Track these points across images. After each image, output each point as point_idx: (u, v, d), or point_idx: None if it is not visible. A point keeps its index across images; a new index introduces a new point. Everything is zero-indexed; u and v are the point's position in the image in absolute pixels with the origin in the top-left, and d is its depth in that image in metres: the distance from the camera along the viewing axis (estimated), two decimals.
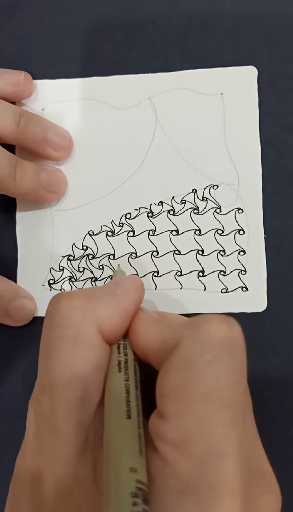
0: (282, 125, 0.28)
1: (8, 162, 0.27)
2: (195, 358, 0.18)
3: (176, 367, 0.18)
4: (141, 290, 0.23)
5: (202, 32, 0.29)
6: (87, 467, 0.19)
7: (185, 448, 0.17)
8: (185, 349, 0.18)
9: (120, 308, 0.21)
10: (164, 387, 0.18)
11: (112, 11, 0.30)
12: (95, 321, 0.20)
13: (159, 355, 0.20)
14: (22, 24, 0.31)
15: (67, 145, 0.29)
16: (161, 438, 0.18)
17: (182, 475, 0.17)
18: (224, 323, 0.19)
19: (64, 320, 0.20)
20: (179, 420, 0.17)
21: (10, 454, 0.28)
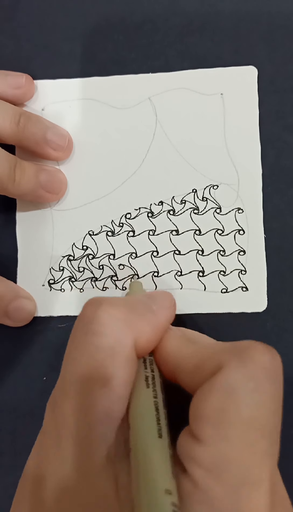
0: (282, 125, 0.28)
1: (7, 163, 0.27)
2: (238, 385, 0.18)
3: (218, 391, 0.18)
4: (175, 308, 0.23)
5: (202, 32, 0.29)
6: (108, 482, 0.18)
7: (220, 475, 0.17)
8: (229, 374, 0.18)
9: (157, 325, 0.21)
10: (202, 410, 0.18)
11: (112, 11, 0.30)
12: (133, 335, 0.20)
13: (193, 377, 0.19)
14: (22, 24, 0.31)
15: (67, 145, 0.29)
16: (194, 462, 0.17)
17: (214, 502, 0.17)
18: (267, 352, 0.19)
19: (102, 328, 0.20)
20: (216, 445, 0.17)
21: (10, 454, 0.29)
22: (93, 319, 0.20)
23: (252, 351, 0.18)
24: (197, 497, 0.17)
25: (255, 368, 0.18)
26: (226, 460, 0.17)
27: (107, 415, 0.19)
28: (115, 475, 0.18)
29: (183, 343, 0.22)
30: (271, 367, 0.18)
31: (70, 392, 0.19)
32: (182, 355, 0.21)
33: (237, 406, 0.17)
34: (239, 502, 0.17)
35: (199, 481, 0.17)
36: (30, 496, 0.19)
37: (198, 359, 0.20)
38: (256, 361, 0.18)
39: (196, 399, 0.19)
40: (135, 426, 0.19)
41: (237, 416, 0.17)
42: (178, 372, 0.21)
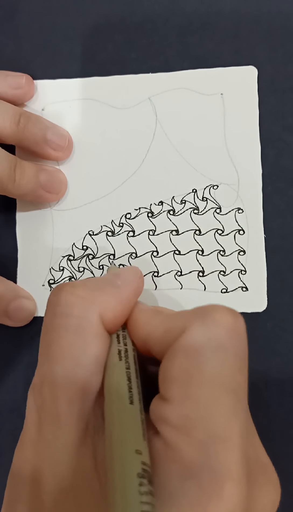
0: (282, 125, 0.28)
1: (7, 163, 0.27)
2: (201, 344, 0.18)
3: (182, 352, 0.18)
4: (141, 281, 0.24)
5: (202, 32, 0.29)
6: (87, 456, 0.19)
7: (188, 432, 0.17)
8: (192, 335, 0.19)
9: (122, 298, 0.22)
10: (169, 371, 0.19)
11: (112, 11, 0.30)
12: (97, 310, 0.20)
13: (162, 343, 0.20)
14: (22, 24, 0.31)
15: (67, 145, 0.29)
16: (164, 421, 0.18)
17: (184, 459, 0.17)
18: (230, 313, 0.19)
19: (66, 309, 0.20)
20: (183, 404, 0.18)
21: (10, 454, 0.28)
22: (57, 302, 0.21)
23: (214, 313, 0.19)
24: (168, 456, 0.17)
25: (217, 328, 0.19)
26: (193, 418, 0.17)
27: (84, 390, 0.19)
28: (94, 448, 0.19)
29: (151, 314, 0.22)
30: (233, 326, 0.19)
31: (46, 375, 0.20)
32: (151, 325, 0.21)
33: (200, 365, 0.18)
34: (208, 458, 0.17)
35: (169, 439, 0.18)
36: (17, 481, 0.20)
37: (165, 327, 0.20)
38: (217, 321, 0.19)
39: (163, 363, 0.19)
40: (108, 395, 0.19)
41: (201, 375, 0.18)
42: (149, 342, 0.21)
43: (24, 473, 0.19)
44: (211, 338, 0.18)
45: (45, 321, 0.21)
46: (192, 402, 0.18)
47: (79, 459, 0.18)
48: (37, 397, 0.20)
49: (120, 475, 0.16)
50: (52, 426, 0.19)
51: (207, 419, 0.17)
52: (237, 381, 0.18)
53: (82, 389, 0.19)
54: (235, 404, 0.18)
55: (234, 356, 0.18)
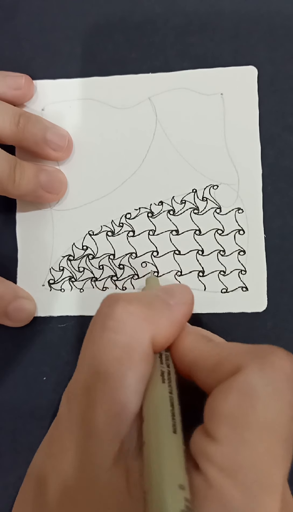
0: (282, 125, 0.28)
1: (7, 164, 0.27)
2: (258, 388, 0.18)
3: (237, 392, 0.18)
4: (193, 303, 0.23)
5: (202, 32, 0.29)
6: (120, 476, 0.18)
7: (234, 475, 0.17)
8: (249, 377, 0.18)
9: (174, 320, 0.21)
10: (219, 409, 0.18)
11: (112, 11, 0.30)
12: (150, 331, 0.20)
13: (211, 374, 0.20)
14: (22, 24, 0.31)
15: (67, 145, 0.29)
16: (209, 460, 0.17)
17: (226, 501, 0.17)
18: (287, 358, 0.19)
19: (119, 325, 0.20)
20: (233, 445, 0.17)
21: (10, 454, 0.29)
22: (110, 315, 0.20)
23: (272, 356, 0.19)
24: (209, 495, 0.17)
25: (275, 373, 0.18)
26: (241, 461, 0.17)
27: (122, 410, 0.19)
28: (127, 470, 0.18)
29: (200, 340, 0.22)
30: (291, 372, 0.18)
31: (87, 386, 0.19)
32: (200, 352, 0.21)
33: (255, 409, 0.18)
34: (252, 503, 0.17)
35: (212, 479, 0.17)
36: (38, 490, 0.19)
37: (217, 358, 0.20)
38: (276, 366, 0.18)
39: (213, 397, 0.19)
40: (149, 420, 0.19)
41: (255, 419, 0.17)
42: (195, 369, 0.21)
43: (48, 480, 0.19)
44: (269, 383, 0.18)
45: (93, 331, 0.21)
46: (242, 445, 0.17)
47: (111, 479, 0.18)
48: (74, 406, 0.19)
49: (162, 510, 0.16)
50: (87, 441, 0.19)
51: (256, 466, 0.17)
52: (290, 429, 0.18)
53: (122, 408, 0.19)
54: (284, 452, 0.18)
55: (288, 403, 0.18)
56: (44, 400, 0.28)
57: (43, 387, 0.29)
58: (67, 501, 0.18)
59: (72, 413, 0.19)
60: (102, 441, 0.18)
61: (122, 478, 0.18)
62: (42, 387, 0.29)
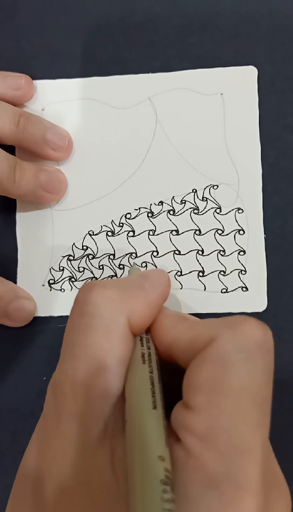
0: (282, 125, 0.28)
1: (7, 164, 0.27)
2: (231, 355, 0.18)
3: (210, 362, 0.18)
4: (168, 285, 0.24)
5: (202, 32, 0.29)
6: (104, 458, 0.19)
7: (212, 442, 0.17)
8: (221, 345, 0.19)
9: (149, 301, 0.22)
10: (195, 380, 0.19)
11: (112, 11, 0.30)
12: (126, 313, 0.20)
13: (188, 350, 0.20)
14: (22, 24, 0.31)
15: (67, 145, 0.29)
16: (187, 430, 0.18)
17: (206, 469, 0.17)
18: (260, 326, 0.19)
19: (95, 310, 0.20)
20: (208, 413, 0.18)
21: (10, 454, 0.29)
22: (86, 301, 0.21)
23: (244, 325, 0.19)
24: (190, 464, 0.17)
25: (247, 340, 0.19)
26: (217, 428, 0.17)
27: (105, 392, 0.19)
28: (112, 450, 0.19)
29: (177, 320, 0.22)
30: (262, 340, 0.19)
31: (69, 372, 0.20)
32: (177, 331, 0.21)
33: (229, 376, 0.18)
34: (231, 468, 0.17)
35: (191, 448, 0.17)
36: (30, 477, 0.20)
37: (193, 334, 0.20)
38: (247, 334, 0.19)
39: (189, 370, 0.19)
40: (131, 398, 0.19)
41: (229, 386, 0.18)
42: (173, 348, 0.21)
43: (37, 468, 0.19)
44: (241, 350, 0.18)
45: (72, 319, 0.21)
46: (218, 412, 0.18)
47: (96, 460, 0.18)
48: (58, 394, 0.20)
49: (142, 481, 0.16)
50: (71, 424, 0.19)
51: (232, 431, 0.17)
52: (263, 395, 0.18)
53: (104, 390, 0.19)
54: (260, 417, 0.18)
55: (262, 370, 0.19)
56: (44, 400, 0.28)
57: (43, 387, 0.28)
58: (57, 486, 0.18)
59: (56, 401, 0.20)
60: (86, 424, 0.19)
61: (106, 458, 0.18)
62: (42, 387, 0.29)
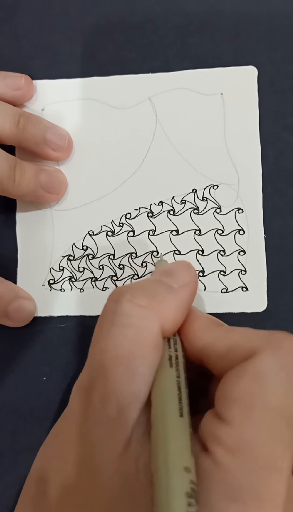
0: (282, 125, 0.28)
1: (7, 164, 0.27)
2: (272, 373, 0.18)
3: (250, 376, 0.18)
4: (196, 279, 0.23)
5: (202, 32, 0.29)
6: (129, 463, 0.18)
7: (242, 456, 0.17)
8: (262, 362, 0.18)
9: (180, 304, 0.21)
10: (231, 392, 0.18)
11: (112, 11, 0.30)
12: (158, 320, 0.20)
13: (223, 357, 0.20)
14: (22, 24, 0.31)
15: (67, 145, 0.29)
16: (218, 441, 0.18)
17: (232, 482, 0.17)
18: None
19: (127, 320, 0.20)
20: (242, 427, 0.18)
21: (10, 454, 0.29)
22: (117, 311, 0.20)
23: (286, 342, 0.19)
24: (216, 475, 0.17)
25: (289, 358, 0.19)
26: (249, 442, 0.17)
27: (133, 399, 0.19)
28: (137, 456, 0.19)
29: (211, 325, 0.22)
30: None
31: (99, 380, 0.20)
32: (212, 337, 0.21)
33: (267, 392, 0.18)
34: (258, 484, 0.17)
35: (220, 460, 0.17)
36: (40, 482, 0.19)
37: (229, 343, 0.20)
38: (289, 352, 0.19)
39: (225, 381, 0.19)
40: (157, 404, 0.19)
41: (266, 402, 0.18)
42: (207, 353, 0.21)
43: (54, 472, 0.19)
44: (282, 368, 0.18)
45: (103, 327, 0.21)
46: (252, 427, 0.17)
47: (121, 466, 0.18)
48: (85, 399, 0.20)
49: (167, 494, 0.16)
50: (97, 430, 0.19)
51: (263, 447, 0.17)
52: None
53: (134, 398, 0.19)
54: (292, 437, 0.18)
55: None
56: (44, 400, 0.28)
57: (43, 387, 0.29)
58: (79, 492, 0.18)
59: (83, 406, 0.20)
60: (113, 430, 0.19)
61: (131, 464, 0.18)
62: (42, 387, 0.29)
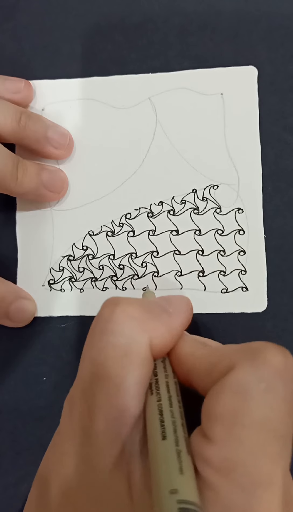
0: (282, 125, 0.28)
1: (10, 161, 0.27)
2: (251, 385, 0.18)
3: (230, 391, 0.18)
4: (191, 313, 0.23)
5: (202, 32, 0.29)
6: (121, 479, 0.18)
7: (230, 475, 0.17)
8: (240, 374, 0.18)
9: (172, 327, 0.21)
10: (214, 409, 0.18)
11: (112, 11, 0.30)
12: (148, 334, 0.20)
13: (206, 377, 0.19)
14: (22, 24, 0.31)
15: (68, 144, 0.29)
16: (205, 461, 0.17)
17: (224, 502, 0.17)
18: (280, 353, 0.18)
19: (118, 328, 0.20)
20: (227, 445, 0.17)
21: (10, 454, 0.29)
22: (109, 319, 0.20)
23: (264, 352, 0.18)
24: (207, 496, 0.17)
25: (267, 369, 0.18)
26: (235, 460, 0.17)
27: (122, 413, 0.19)
28: (128, 473, 0.18)
29: (196, 345, 0.22)
30: (284, 368, 0.18)
31: (87, 391, 0.19)
32: (195, 357, 0.21)
33: (249, 407, 0.17)
34: (249, 501, 0.16)
35: (209, 480, 0.17)
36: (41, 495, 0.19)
37: (211, 360, 0.20)
38: (268, 362, 0.18)
39: (207, 399, 0.19)
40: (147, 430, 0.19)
41: (249, 417, 0.17)
42: (192, 374, 0.21)
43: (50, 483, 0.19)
44: (261, 379, 0.18)
45: (93, 335, 0.21)
46: (237, 445, 0.17)
47: (112, 483, 0.18)
48: (75, 412, 0.20)
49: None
50: (85, 444, 0.19)
51: (251, 464, 0.17)
52: (285, 426, 0.18)
53: (121, 411, 0.19)
54: (281, 450, 0.17)
55: (283, 399, 0.18)
56: (44, 400, 0.28)
57: (43, 387, 0.29)
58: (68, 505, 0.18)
59: (73, 418, 0.20)
60: (102, 445, 0.18)
61: (123, 481, 0.18)
62: (42, 387, 0.29)
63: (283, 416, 0.18)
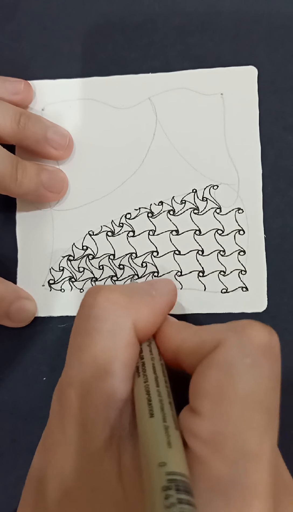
0: (282, 125, 0.28)
1: (9, 162, 0.27)
2: (236, 361, 0.18)
3: (216, 367, 0.18)
4: (175, 294, 0.24)
5: (202, 32, 0.29)
6: (111, 463, 0.18)
7: (218, 448, 0.17)
8: (226, 351, 0.18)
9: (155, 308, 0.22)
10: (201, 385, 0.18)
11: (112, 11, 0.30)
12: (132, 318, 0.20)
13: (194, 355, 0.20)
14: (22, 24, 0.31)
15: (68, 144, 0.29)
16: (194, 435, 0.18)
17: (213, 475, 0.17)
18: (266, 330, 0.19)
19: (102, 313, 0.20)
20: (215, 419, 0.18)
21: (10, 454, 0.29)
22: (93, 305, 0.21)
23: (249, 329, 0.19)
24: (197, 469, 0.17)
25: (252, 345, 0.19)
26: (224, 433, 0.17)
27: (110, 397, 0.19)
28: (118, 457, 0.19)
29: (182, 327, 0.22)
30: (268, 344, 0.19)
31: (75, 378, 0.20)
32: (182, 337, 0.21)
33: (234, 381, 0.18)
34: (238, 474, 0.17)
35: (198, 453, 0.17)
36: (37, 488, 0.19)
37: (197, 339, 0.20)
38: (253, 338, 0.19)
39: (195, 375, 0.19)
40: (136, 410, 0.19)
41: (235, 391, 0.18)
42: (179, 353, 0.21)
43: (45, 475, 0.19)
44: (246, 355, 0.18)
45: (78, 322, 0.21)
46: (224, 418, 0.18)
47: (102, 467, 0.18)
48: (62, 400, 0.20)
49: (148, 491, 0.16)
50: (75, 431, 0.19)
51: (238, 436, 0.17)
52: (270, 400, 0.18)
53: (109, 396, 0.19)
54: (267, 422, 0.18)
55: (268, 374, 0.18)
56: (44, 400, 0.28)
57: (43, 387, 0.29)
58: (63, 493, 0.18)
59: (61, 407, 0.20)
60: (92, 430, 0.19)
61: (113, 465, 0.18)
62: (42, 387, 0.29)
63: (268, 389, 0.18)
